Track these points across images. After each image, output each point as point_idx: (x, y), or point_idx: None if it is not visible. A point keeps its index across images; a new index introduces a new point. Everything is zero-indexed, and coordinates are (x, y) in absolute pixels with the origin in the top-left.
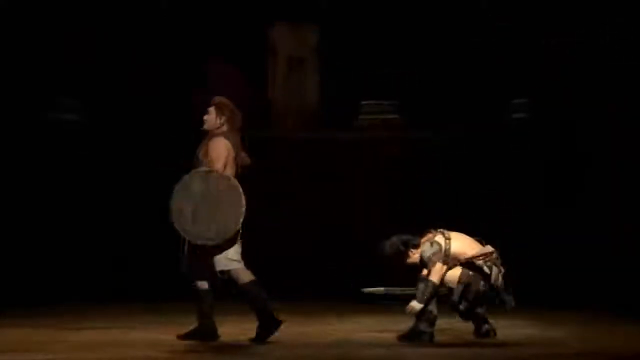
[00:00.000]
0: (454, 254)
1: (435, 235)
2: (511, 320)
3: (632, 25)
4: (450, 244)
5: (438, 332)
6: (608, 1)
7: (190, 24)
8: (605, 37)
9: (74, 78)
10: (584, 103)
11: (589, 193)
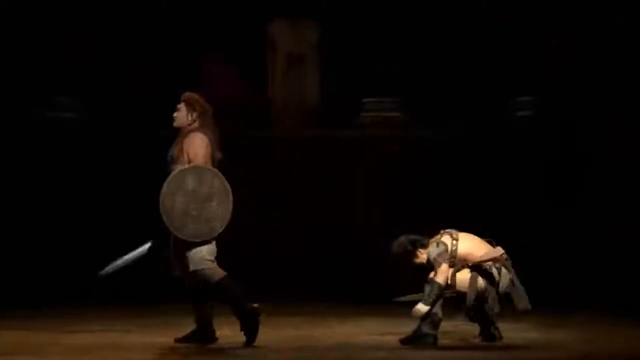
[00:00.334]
0: (462, 256)
1: (442, 235)
2: (514, 323)
3: (632, 25)
4: (458, 245)
5: (442, 335)
6: (608, 1)
7: (189, 22)
8: (605, 37)
9: (73, 77)
10: (584, 102)
11: (591, 192)
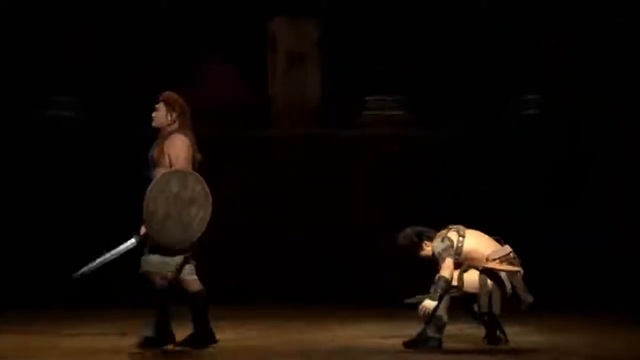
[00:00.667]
0: (468, 252)
1: (449, 231)
2: (518, 326)
3: (632, 25)
4: (464, 242)
5: (446, 338)
6: (608, 1)
7: (189, 21)
8: (605, 37)
9: (72, 76)
10: (584, 102)
11: (591, 192)
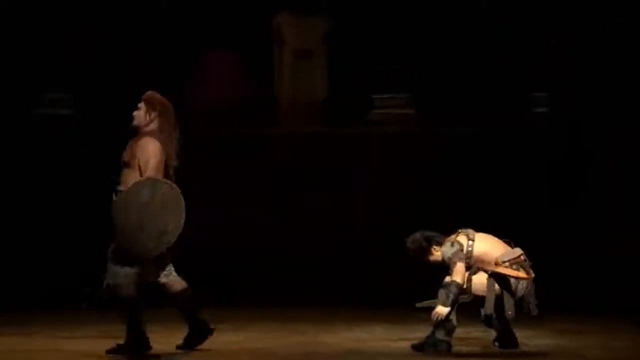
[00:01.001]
0: (478, 256)
1: (458, 235)
2: (529, 329)
3: (632, 25)
4: (474, 246)
5: (456, 341)
6: (608, 1)
7: (192, 16)
8: (605, 37)
9: (71, 75)
10: (584, 102)
11: (591, 192)
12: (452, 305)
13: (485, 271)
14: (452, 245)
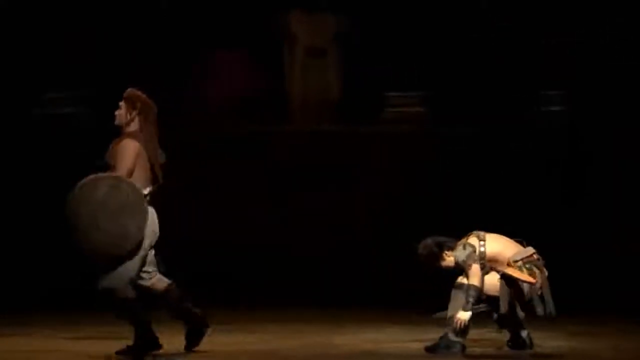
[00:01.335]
0: (491, 256)
1: (469, 237)
2: (544, 331)
3: (632, 25)
4: (486, 246)
5: (470, 343)
6: (608, 1)
7: (191, 14)
8: (605, 37)
9: (70, 73)
10: (584, 102)
11: (591, 192)
12: (473, 310)
13: (497, 271)
14: (464, 248)
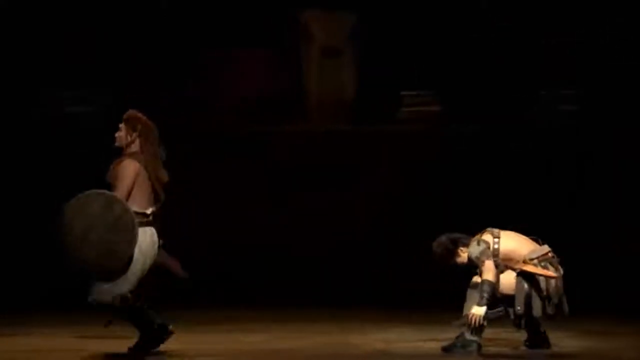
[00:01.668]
0: (505, 253)
1: (483, 234)
2: (561, 330)
3: (632, 25)
4: (500, 243)
5: (486, 342)
6: (608, 1)
7: (191, 14)
8: (605, 37)
9: (70, 73)
10: (584, 102)
11: (591, 192)
12: (487, 305)
13: (514, 269)
14: (479, 244)
